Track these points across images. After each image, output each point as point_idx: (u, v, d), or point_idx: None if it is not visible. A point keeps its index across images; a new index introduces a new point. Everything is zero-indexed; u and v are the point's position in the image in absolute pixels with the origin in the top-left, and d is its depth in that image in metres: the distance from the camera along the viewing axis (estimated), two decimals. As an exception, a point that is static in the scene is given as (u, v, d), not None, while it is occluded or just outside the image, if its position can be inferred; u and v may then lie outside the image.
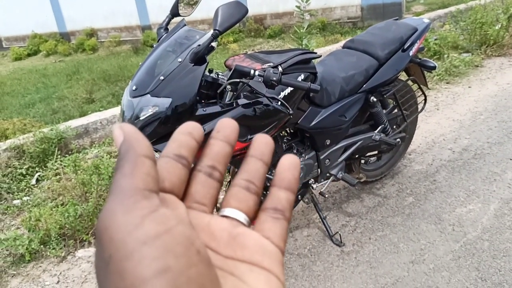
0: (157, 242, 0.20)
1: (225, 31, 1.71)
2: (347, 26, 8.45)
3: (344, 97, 2.28)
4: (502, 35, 5.26)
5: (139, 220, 0.20)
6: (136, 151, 0.23)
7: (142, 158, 0.23)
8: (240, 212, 0.27)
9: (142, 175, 0.22)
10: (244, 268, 0.24)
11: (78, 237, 2.51)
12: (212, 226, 0.26)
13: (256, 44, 8.45)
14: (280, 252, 0.26)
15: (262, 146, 0.29)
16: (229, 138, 0.29)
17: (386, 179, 2.81)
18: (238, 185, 0.28)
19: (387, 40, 2.41)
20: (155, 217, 0.21)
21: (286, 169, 0.28)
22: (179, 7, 1.97)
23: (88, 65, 8.17)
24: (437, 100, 4.00)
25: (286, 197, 0.28)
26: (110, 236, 0.20)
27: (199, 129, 0.28)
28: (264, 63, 1.96)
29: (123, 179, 0.22)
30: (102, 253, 0.20)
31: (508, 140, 3.11)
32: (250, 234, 0.26)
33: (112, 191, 0.22)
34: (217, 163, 0.28)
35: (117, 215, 0.21)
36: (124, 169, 0.22)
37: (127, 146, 0.23)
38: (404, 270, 2.05)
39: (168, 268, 0.19)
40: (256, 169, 0.28)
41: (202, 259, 0.21)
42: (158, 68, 1.77)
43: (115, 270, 0.20)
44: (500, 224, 2.27)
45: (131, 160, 0.23)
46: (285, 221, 0.27)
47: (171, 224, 0.21)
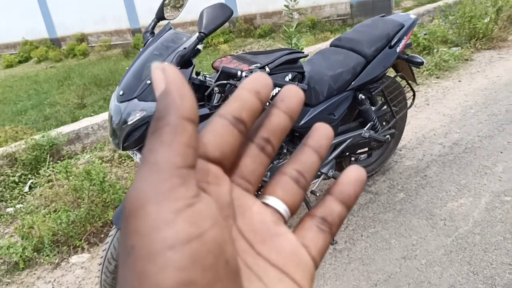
0: (186, 248, 0.18)
1: (210, 33, 1.72)
2: (336, 23, 8.47)
3: (332, 96, 2.29)
4: (491, 28, 5.29)
5: (172, 217, 0.18)
6: (179, 111, 0.19)
7: (185, 123, 0.19)
8: (284, 204, 0.25)
9: (182, 148, 0.19)
10: (274, 275, 0.22)
11: (71, 243, 2.51)
12: (254, 215, 0.23)
13: (247, 44, 8.46)
14: (314, 266, 0.24)
15: (323, 139, 0.26)
16: (292, 110, 0.25)
17: (377, 175, 2.82)
18: (288, 175, 0.25)
19: (373, 37, 2.42)
20: (189, 216, 0.18)
21: (351, 182, 0.26)
22: (164, 11, 1.97)
23: (79, 70, 8.15)
24: (427, 95, 4.02)
25: (340, 212, 0.25)
26: (136, 226, 0.18)
27: (268, 88, 0.24)
28: (251, 64, 1.96)
29: (160, 149, 0.19)
30: (126, 239, 0.18)
31: (498, 133, 3.13)
32: (290, 239, 0.24)
33: (145, 162, 0.19)
34: (273, 137, 0.25)
35: (150, 203, 0.18)
36: (162, 134, 0.19)
37: (168, 102, 0.20)
38: (396, 266, 2.06)
39: (193, 282, 0.17)
40: (310, 161, 0.26)
41: (230, 271, 0.19)
42: (145, 72, 1.78)
43: (135, 269, 0.18)
44: (491, 218, 2.29)
45: (172, 123, 0.19)
46: (330, 236, 0.25)
47: (205, 226, 0.18)
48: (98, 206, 2.60)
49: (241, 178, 0.24)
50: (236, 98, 0.23)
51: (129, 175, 3.16)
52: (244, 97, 0.23)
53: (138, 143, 1.71)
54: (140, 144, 1.71)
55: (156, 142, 0.19)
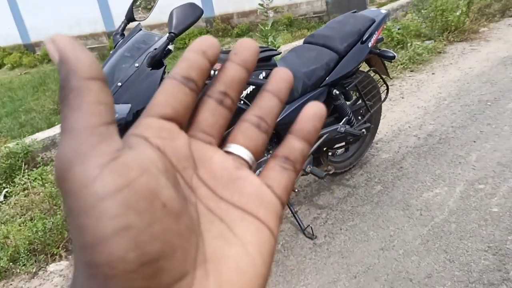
0: (117, 197, 0.18)
1: (180, 33, 1.71)
2: (313, 21, 8.52)
3: (307, 92, 2.31)
4: (463, 20, 5.39)
5: (97, 172, 0.18)
6: (78, 74, 0.20)
7: (88, 82, 0.20)
8: (246, 150, 0.25)
9: (92, 107, 0.19)
10: (236, 215, 0.23)
11: (48, 251, 2.47)
12: (214, 163, 0.24)
13: (225, 44, 8.44)
14: (280, 204, 0.24)
15: (281, 82, 0.26)
16: (246, 62, 0.25)
17: (354, 169, 2.85)
18: (248, 121, 0.26)
19: (345, 33, 2.44)
20: (114, 168, 0.19)
21: (309, 118, 0.26)
22: (134, 12, 1.96)
23: (54, 76, 8.01)
24: (401, 88, 4.08)
25: (301, 148, 0.26)
26: (67, 188, 0.19)
27: (215, 47, 0.24)
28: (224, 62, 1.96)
29: (71, 114, 0.19)
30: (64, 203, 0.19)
31: (471, 123, 3.20)
32: (252, 180, 0.24)
33: (64, 130, 0.19)
34: (230, 90, 0.25)
35: (74, 164, 0.18)
36: (69, 101, 0.19)
37: (67, 68, 0.20)
38: (375, 258, 2.09)
39: (129, 226, 0.18)
40: (270, 106, 0.26)
41: (168, 212, 0.19)
42: (116, 74, 1.76)
43: (75, 225, 0.18)
44: (466, 206, 2.34)
45: (74, 87, 0.19)
46: (294, 173, 0.25)
47: (133, 175, 0.19)
48: (76, 212, 2.56)
49: (201, 132, 0.25)
50: (184, 59, 0.24)
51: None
52: (191, 58, 0.24)
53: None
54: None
55: (66, 110, 0.19)
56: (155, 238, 0.19)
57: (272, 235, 0.23)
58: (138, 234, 0.18)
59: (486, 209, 2.27)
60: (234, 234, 0.22)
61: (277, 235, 0.24)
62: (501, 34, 5.34)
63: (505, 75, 3.97)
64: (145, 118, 0.23)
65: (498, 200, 2.32)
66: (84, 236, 0.18)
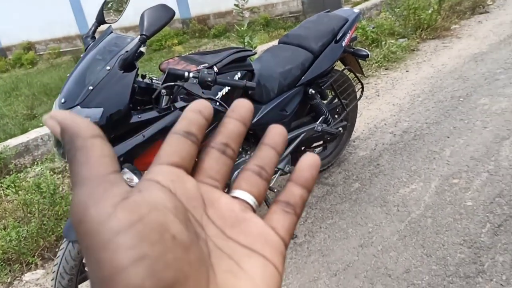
0: (130, 231, 0.20)
1: (152, 35, 1.69)
2: (289, 20, 8.56)
3: (283, 92, 2.31)
4: (435, 18, 5.50)
5: (111, 210, 0.20)
6: (81, 135, 0.23)
7: (91, 141, 0.23)
8: (250, 195, 0.27)
9: (99, 159, 0.22)
10: (244, 253, 0.24)
11: (24, 260, 2.41)
12: (222, 205, 0.26)
13: (202, 45, 8.40)
14: (283, 244, 0.26)
15: (277, 136, 0.29)
16: (244, 117, 0.29)
17: (333, 167, 2.87)
18: (250, 170, 0.28)
19: (319, 33, 2.46)
20: (126, 206, 0.21)
21: (306, 167, 0.29)
22: (105, 14, 1.92)
23: (27, 80, 7.83)
24: (377, 86, 4.13)
25: (301, 194, 0.28)
26: (84, 229, 0.20)
27: (209, 107, 0.28)
28: (199, 64, 1.95)
29: (81, 168, 0.22)
30: (81, 244, 0.21)
31: (444, 119, 3.26)
32: (256, 222, 0.26)
33: (76, 183, 0.22)
34: (231, 141, 0.28)
35: (89, 207, 0.21)
36: (78, 158, 0.22)
37: (70, 134, 0.23)
38: (354, 255, 2.11)
39: (145, 255, 0.19)
40: (269, 157, 0.29)
41: (178, 243, 0.21)
42: (88, 78, 1.72)
43: (93, 261, 0.20)
44: (441, 201, 2.38)
45: (80, 146, 0.22)
46: (295, 217, 0.28)
47: (143, 211, 0.21)
48: (51, 219, 2.51)
49: (207, 178, 0.27)
50: (184, 118, 0.27)
51: (83, 185, 3.07)
52: (190, 116, 0.27)
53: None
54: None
55: (76, 166, 0.22)
56: (168, 266, 0.20)
57: (277, 272, 0.25)
58: (153, 263, 0.20)
59: (460, 203, 2.32)
60: (243, 269, 0.24)
61: (282, 272, 0.25)
62: (472, 31, 5.47)
63: (476, 71, 4.06)
64: (155, 166, 0.25)
65: (472, 194, 2.37)
66: (103, 269, 0.19)
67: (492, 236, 2.06)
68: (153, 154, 1.82)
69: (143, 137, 1.73)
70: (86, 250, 0.20)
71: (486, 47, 4.73)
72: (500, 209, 2.21)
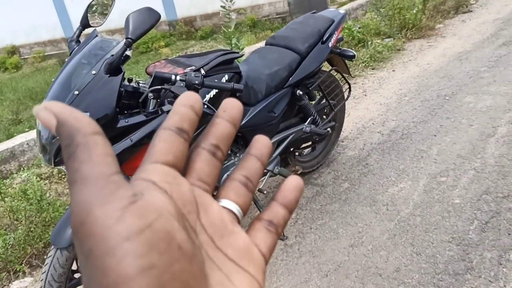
0: (140, 238, 0.19)
1: (138, 39, 1.67)
2: (276, 21, 8.57)
3: (271, 94, 2.31)
4: (420, 18, 5.56)
5: (119, 213, 0.19)
6: (82, 131, 0.21)
7: (92, 137, 0.21)
8: (236, 205, 0.27)
9: (102, 158, 0.21)
10: (232, 267, 0.25)
11: (11, 268, 2.37)
12: (214, 212, 0.26)
13: (189, 47, 8.38)
14: (264, 261, 0.27)
15: (263, 148, 0.30)
16: (234, 118, 0.28)
17: (322, 168, 2.88)
18: (237, 180, 0.28)
19: (306, 34, 2.46)
20: (135, 210, 0.20)
21: (291, 189, 0.29)
22: (89, 18, 1.90)
23: (12, 85, 7.73)
24: (364, 86, 4.16)
25: (283, 215, 0.29)
26: (88, 231, 0.19)
27: (200, 102, 0.27)
28: (186, 67, 1.94)
29: (83, 166, 0.20)
30: (81, 247, 0.19)
31: (431, 118, 3.29)
32: (243, 237, 0.26)
33: (76, 181, 0.20)
34: (221, 143, 0.28)
35: (94, 208, 0.19)
36: (78, 155, 0.21)
37: (69, 129, 0.21)
38: (345, 255, 2.11)
39: (153, 265, 0.19)
40: (255, 168, 0.29)
41: (183, 254, 0.21)
42: (73, 82, 1.70)
43: (97, 266, 0.19)
44: (429, 199, 2.40)
45: (81, 143, 0.21)
46: (276, 236, 0.28)
47: (151, 218, 0.20)
48: (38, 226, 2.47)
49: (199, 181, 0.26)
50: (175, 112, 0.26)
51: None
52: (181, 111, 0.26)
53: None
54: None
55: (76, 163, 0.20)
56: (175, 278, 0.20)
57: None
58: (160, 274, 0.19)
59: (448, 201, 2.34)
60: (233, 284, 0.24)
61: None
62: (456, 30, 5.54)
63: (461, 69, 4.12)
64: (149, 164, 0.24)
65: (459, 191, 2.40)
66: (107, 277, 0.18)
67: (480, 233, 2.08)
68: (141, 159, 1.79)
69: (131, 141, 1.71)
70: (88, 254, 0.19)
71: (470, 45, 4.79)
72: (487, 206, 2.24)
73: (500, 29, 5.18)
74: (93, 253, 0.19)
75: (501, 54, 4.32)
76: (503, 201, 2.26)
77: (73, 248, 1.70)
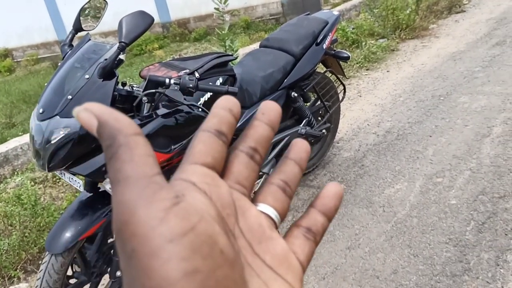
0: (184, 240, 0.19)
1: (131, 42, 1.66)
2: (270, 23, 8.57)
3: (265, 96, 2.30)
4: (413, 18, 5.57)
5: (163, 214, 0.19)
6: (124, 132, 0.21)
7: (134, 138, 0.21)
8: (274, 210, 0.27)
9: (144, 158, 0.21)
10: (270, 274, 0.24)
11: (6, 274, 2.34)
12: (251, 216, 0.25)
13: (183, 49, 8.35)
14: (302, 270, 0.26)
15: (302, 152, 0.29)
16: (273, 122, 0.28)
17: (318, 169, 2.87)
18: (276, 184, 0.28)
19: (300, 36, 2.46)
20: (178, 212, 0.20)
21: (331, 196, 0.28)
22: (82, 21, 1.88)
23: (5, 88, 7.67)
24: (359, 87, 4.16)
25: (322, 223, 0.28)
26: (132, 231, 0.19)
27: (238, 106, 0.27)
28: (180, 70, 1.93)
29: (125, 166, 0.20)
30: (123, 247, 0.19)
31: (426, 118, 3.29)
32: (282, 244, 0.26)
33: (119, 181, 0.20)
34: (259, 146, 0.27)
35: (139, 208, 0.19)
36: (120, 155, 0.21)
37: (110, 129, 0.21)
38: (342, 257, 2.11)
39: (197, 269, 0.19)
40: (294, 173, 0.28)
41: (226, 259, 0.20)
42: (66, 87, 1.69)
43: (140, 267, 0.19)
44: (426, 200, 2.40)
45: (123, 143, 0.21)
46: (314, 244, 0.28)
47: (194, 220, 0.20)
48: (32, 231, 2.45)
49: (237, 184, 0.26)
50: (214, 115, 0.26)
51: (65, 195, 3.01)
52: (220, 114, 0.26)
53: (64, 162, 1.61)
54: (66, 163, 1.62)
55: (118, 163, 0.21)
56: (219, 284, 0.19)
57: None
58: (205, 279, 0.19)
59: (445, 202, 2.34)
60: None
61: None
62: (449, 30, 5.56)
63: (455, 69, 4.13)
64: (189, 165, 0.24)
65: (456, 192, 2.40)
66: (151, 279, 0.18)
67: (477, 234, 2.08)
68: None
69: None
70: (131, 254, 0.19)
71: (464, 45, 4.81)
72: (484, 207, 2.24)
73: (493, 29, 5.20)
74: (137, 254, 0.19)
75: (494, 54, 4.34)
76: (500, 201, 2.26)
77: (68, 254, 1.69)
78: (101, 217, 1.74)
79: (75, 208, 1.77)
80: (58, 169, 1.66)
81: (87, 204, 1.78)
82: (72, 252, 1.69)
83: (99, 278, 1.90)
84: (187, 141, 1.85)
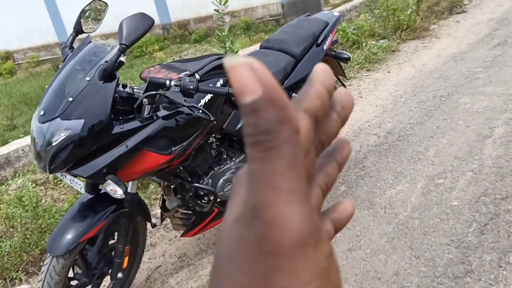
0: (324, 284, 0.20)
1: (132, 45, 1.66)
2: (270, 24, 8.57)
3: (266, 97, 2.30)
4: (414, 19, 5.56)
5: (313, 250, 0.19)
6: (291, 125, 0.18)
7: (296, 136, 0.18)
8: None
9: (304, 169, 0.19)
10: None
11: (7, 276, 2.35)
12: None
13: (183, 50, 8.35)
14: None
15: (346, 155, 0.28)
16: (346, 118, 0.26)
17: (319, 171, 2.87)
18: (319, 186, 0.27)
19: (300, 37, 2.46)
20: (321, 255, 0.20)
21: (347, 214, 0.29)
22: (82, 24, 1.88)
23: (6, 90, 7.68)
24: (359, 88, 4.16)
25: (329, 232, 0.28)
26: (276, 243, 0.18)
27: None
28: (180, 72, 1.92)
29: (290, 175, 0.18)
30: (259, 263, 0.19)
31: (428, 119, 3.29)
32: None
33: (279, 187, 0.18)
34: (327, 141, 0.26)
35: (308, 246, 0.19)
36: (285, 155, 0.18)
37: (279, 114, 0.18)
38: (343, 259, 2.10)
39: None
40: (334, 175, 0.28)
41: None
42: (67, 89, 1.68)
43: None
44: (427, 201, 2.39)
45: (291, 140, 0.18)
46: None
47: (330, 263, 0.21)
48: (34, 233, 2.45)
49: None
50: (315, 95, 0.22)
51: (66, 197, 3.01)
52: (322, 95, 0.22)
53: (65, 164, 1.61)
54: (68, 165, 1.62)
55: (279, 163, 0.18)
56: None
57: None
58: None
59: (446, 203, 2.33)
60: None
61: None
62: (450, 31, 5.55)
63: (456, 70, 4.12)
64: None
65: (457, 193, 2.39)
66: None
67: (479, 235, 2.07)
68: (136, 164, 1.79)
69: (126, 147, 1.70)
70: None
71: (465, 46, 4.80)
72: (486, 208, 2.23)
73: (494, 29, 5.19)
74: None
75: (496, 54, 4.33)
76: (502, 202, 2.25)
77: (69, 255, 1.69)
78: (102, 219, 1.74)
79: (76, 210, 1.77)
80: (59, 171, 1.66)
81: (88, 206, 1.79)
82: (73, 254, 1.70)
83: (100, 280, 1.90)
84: (188, 143, 1.84)
